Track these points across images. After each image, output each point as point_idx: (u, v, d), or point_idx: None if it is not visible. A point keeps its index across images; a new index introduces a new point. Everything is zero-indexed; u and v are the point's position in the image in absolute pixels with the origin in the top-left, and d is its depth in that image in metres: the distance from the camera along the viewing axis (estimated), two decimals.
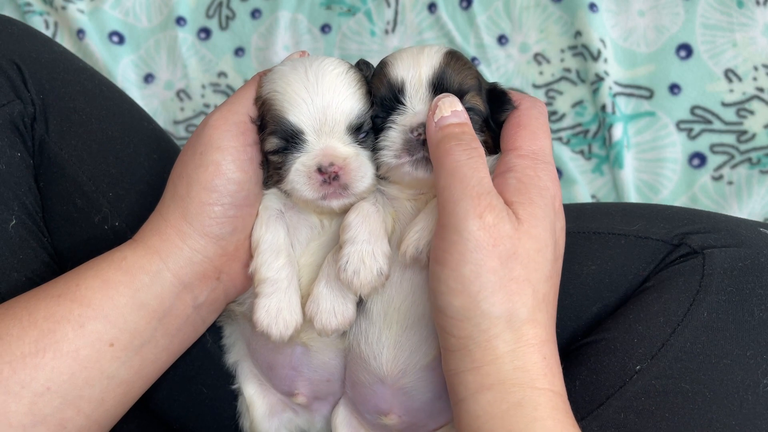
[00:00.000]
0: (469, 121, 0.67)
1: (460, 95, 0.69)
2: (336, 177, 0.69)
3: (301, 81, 0.70)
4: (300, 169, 0.70)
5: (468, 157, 0.63)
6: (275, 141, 0.71)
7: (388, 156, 0.69)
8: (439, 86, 0.70)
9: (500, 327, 0.60)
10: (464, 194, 0.61)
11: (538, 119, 0.70)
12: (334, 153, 0.69)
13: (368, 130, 0.72)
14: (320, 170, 0.69)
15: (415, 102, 0.70)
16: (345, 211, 0.72)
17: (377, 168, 0.71)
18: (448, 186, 0.62)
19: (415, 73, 0.70)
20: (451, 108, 0.66)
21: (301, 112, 0.69)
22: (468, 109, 0.69)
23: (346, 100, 0.70)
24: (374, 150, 0.71)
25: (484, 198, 0.61)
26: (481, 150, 0.65)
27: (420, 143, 0.68)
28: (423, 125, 0.68)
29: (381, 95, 0.71)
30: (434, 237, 0.64)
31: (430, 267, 0.64)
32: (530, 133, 0.68)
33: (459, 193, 0.61)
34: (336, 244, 0.73)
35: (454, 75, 0.70)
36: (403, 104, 0.70)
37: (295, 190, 0.71)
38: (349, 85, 0.71)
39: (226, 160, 0.70)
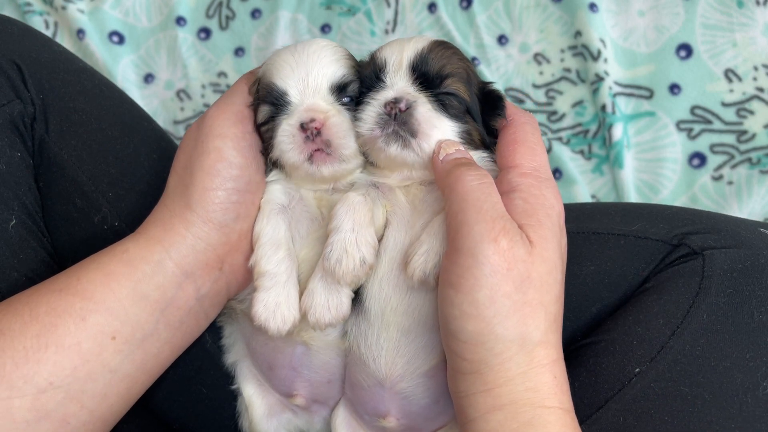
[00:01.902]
0: (472, 158, 0.68)
1: (440, 79, 0.71)
2: (318, 133, 0.70)
3: (290, 52, 0.75)
4: (285, 129, 0.72)
5: (479, 182, 0.63)
6: (265, 109, 0.74)
7: (363, 128, 0.70)
8: (418, 68, 0.71)
9: (513, 350, 0.60)
10: (478, 218, 0.61)
11: (534, 134, 0.70)
12: (315, 108, 0.71)
13: (353, 96, 0.74)
14: (302, 127, 0.70)
15: (394, 79, 0.71)
16: (339, 185, 0.75)
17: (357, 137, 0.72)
18: (461, 210, 0.62)
19: (398, 55, 0.72)
20: (455, 147, 0.68)
21: (286, 75, 0.73)
22: (448, 94, 0.71)
23: (330, 64, 0.73)
24: (354, 121, 0.72)
25: (499, 222, 0.61)
26: (490, 177, 0.65)
27: (392, 118, 0.69)
28: (396, 100, 0.69)
29: (365, 74, 0.73)
30: (446, 261, 0.63)
31: (441, 291, 0.64)
32: (529, 150, 0.69)
33: (473, 217, 0.61)
34: None
35: (437, 59, 0.71)
36: (383, 82, 0.72)
37: (283, 153, 0.72)
38: (334, 53, 0.74)
39: (227, 145, 0.72)
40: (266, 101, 0.74)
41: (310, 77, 0.72)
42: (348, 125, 0.72)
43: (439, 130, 0.70)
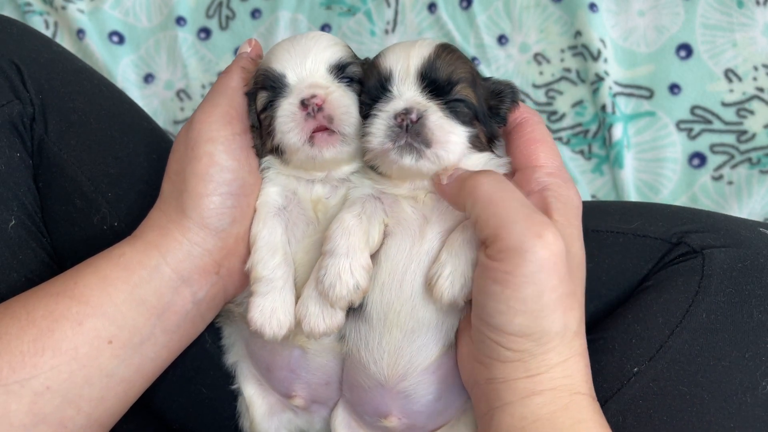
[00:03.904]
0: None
1: (450, 86, 0.69)
2: (320, 110, 0.69)
3: (288, 41, 0.75)
4: (285, 108, 0.70)
5: (496, 181, 0.63)
6: (264, 94, 0.73)
7: (373, 142, 0.68)
8: (427, 75, 0.69)
9: (557, 341, 0.62)
10: (515, 217, 0.60)
11: (549, 134, 0.71)
12: (316, 84, 0.70)
13: (353, 78, 0.73)
14: (303, 104, 0.69)
15: (401, 89, 0.69)
16: (334, 175, 0.74)
17: (364, 154, 0.71)
18: (493, 215, 0.61)
19: (404, 63, 0.69)
20: (452, 169, 0.68)
21: (284, 59, 0.72)
22: (458, 101, 0.69)
23: (327, 48, 0.73)
24: (362, 135, 0.70)
25: (535, 216, 0.61)
26: (501, 174, 0.66)
27: (403, 130, 0.67)
28: (406, 110, 0.67)
29: (369, 84, 0.71)
30: (489, 261, 0.62)
31: (485, 287, 0.62)
32: (550, 149, 0.70)
33: (508, 216, 0.61)
34: None
35: (444, 65, 0.69)
36: (390, 92, 0.69)
37: (283, 135, 0.70)
38: (331, 39, 0.74)
39: (217, 149, 0.72)
40: (264, 87, 0.73)
41: (308, 60, 0.72)
42: (350, 101, 0.71)
43: (454, 136, 0.68)
